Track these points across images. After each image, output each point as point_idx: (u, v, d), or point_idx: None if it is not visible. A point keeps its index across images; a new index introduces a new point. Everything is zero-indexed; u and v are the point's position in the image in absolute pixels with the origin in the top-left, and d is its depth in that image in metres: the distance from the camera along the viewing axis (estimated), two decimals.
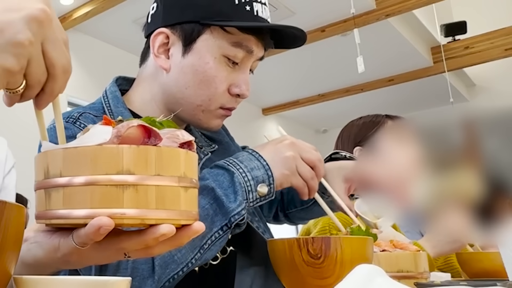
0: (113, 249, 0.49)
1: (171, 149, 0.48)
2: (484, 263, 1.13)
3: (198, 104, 0.88)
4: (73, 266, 0.55)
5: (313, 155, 0.84)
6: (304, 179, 0.83)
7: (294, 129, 7.19)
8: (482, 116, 0.85)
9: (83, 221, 0.45)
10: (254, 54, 0.90)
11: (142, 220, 0.46)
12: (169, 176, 0.47)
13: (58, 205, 0.47)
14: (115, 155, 0.45)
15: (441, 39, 5.34)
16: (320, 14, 4.39)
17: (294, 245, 0.69)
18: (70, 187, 0.46)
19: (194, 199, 0.51)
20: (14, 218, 0.41)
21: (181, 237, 0.49)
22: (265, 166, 0.80)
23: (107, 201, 0.45)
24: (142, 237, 0.47)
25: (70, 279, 0.44)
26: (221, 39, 0.86)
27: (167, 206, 0.47)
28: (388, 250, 0.85)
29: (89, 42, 4.48)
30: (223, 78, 0.88)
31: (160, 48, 0.89)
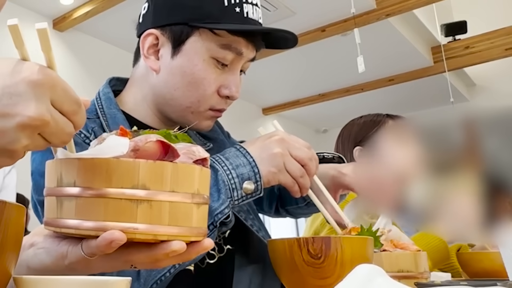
0: (121, 260, 0.49)
1: (187, 166, 0.48)
2: (484, 263, 1.13)
3: (187, 106, 0.88)
4: (78, 273, 0.55)
5: (303, 153, 0.82)
6: (293, 176, 0.81)
7: (294, 129, 7.19)
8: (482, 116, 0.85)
9: (94, 233, 0.45)
10: (244, 56, 0.89)
11: (154, 235, 0.45)
12: (183, 192, 0.47)
13: (70, 215, 0.46)
14: (131, 169, 0.45)
15: (441, 39, 5.34)
16: (320, 13, 4.39)
17: (294, 245, 0.69)
18: (83, 197, 0.45)
19: (205, 215, 0.51)
20: (14, 218, 0.41)
21: (190, 253, 0.49)
22: (251, 163, 0.79)
23: (120, 214, 0.45)
24: (152, 252, 0.47)
25: (70, 279, 0.44)
26: (210, 41, 0.86)
27: (180, 222, 0.47)
28: (388, 250, 0.85)
29: (89, 42, 4.48)
30: (212, 80, 0.87)
31: (150, 49, 0.90)
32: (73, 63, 4.21)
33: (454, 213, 1.19)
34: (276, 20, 4.24)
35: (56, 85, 0.44)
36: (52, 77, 0.43)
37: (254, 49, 0.91)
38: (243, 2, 0.87)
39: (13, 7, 3.89)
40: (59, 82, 0.44)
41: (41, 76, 0.43)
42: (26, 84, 0.42)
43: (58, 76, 0.44)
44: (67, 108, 0.45)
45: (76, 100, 0.45)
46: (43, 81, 0.43)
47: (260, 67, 5.23)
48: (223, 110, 0.92)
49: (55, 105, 0.44)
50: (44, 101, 0.43)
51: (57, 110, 0.44)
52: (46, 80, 0.43)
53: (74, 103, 0.45)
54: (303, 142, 0.84)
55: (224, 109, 0.92)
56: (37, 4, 4.02)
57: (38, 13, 4.11)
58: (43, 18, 4.15)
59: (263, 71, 5.41)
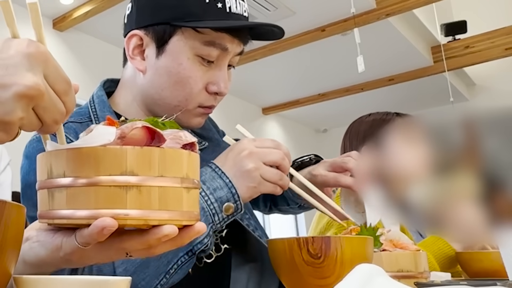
0: (115, 248, 0.49)
1: (175, 150, 0.48)
2: (484, 263, 1.13)
3: (175, 105, 0.88)
4: (74, 265, 0.55)
5: (275, 155, 0.80)
6: (272, 182, 0.81)
7: (294, 129, 7.19)
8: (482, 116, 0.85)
9: (86, 222, 0.45)
10: (229, 51, 0.88)
11: (145, 221, 0.46)
12: (172, 177, 0.47)
13: (61, 205, 0.47)
14: (118, 156, 0.45)
15: (441, 39, 5.34)
16: (320, 13, 4.39)
17: (294, 245, 0.69)
18: (73, 187, 0.46)
19: (196, 199, 0.51)
20: (14, 218, 0.41)
21: (183, 238, 0.50)
22: (228, 184, 0.78)
23: (111, 201, 0.45)
24: (144, 238, 0.47)
25: (70, 279, 0.44)
26: (193, 40, 0.85)
27: (170, 207, 0.47)
28: (388, 250, 0.85)
29: (89, 41, 4.48)
30: (198, 78, 0.87)
31: (135, 50, 0.90)
32: (73, 63, 4.21)
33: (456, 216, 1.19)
34: (276, 20, 4.24)
35: (48, 61, 0.45)
36: (44, 52, 0.44)
37: (240, 44, 0.90)
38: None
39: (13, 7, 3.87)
40: (51, 58, 0.45)
41: (35, 50, 0.44)
42: (21, 55, 0.43)
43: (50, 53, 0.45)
44: (59, 86, 0.46)
45: (67, 80, 0.46)
46: (37, 54, 0.44)
47: (260, 67, 5.23)
48: (212, 106, 0.92)
49: (48, 81, 0.45)
50: (39, 72, 0.44)
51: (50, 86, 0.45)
52: (40, 53, 0.44)
53: (65, 83, 0.46)
54: (270, 143, 0.82)
55: (214, 105, 0.92)
56: None
57: None
58: (43, 18, 4.14)
59: (263, 71, 5.41)
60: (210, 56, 0.87)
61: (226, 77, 0.90)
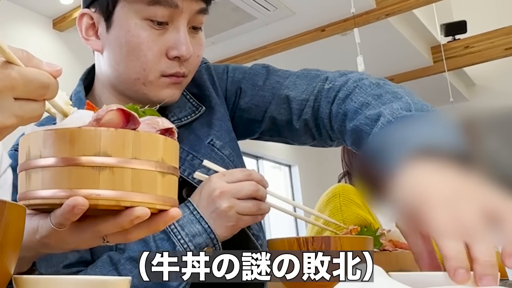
0: (90, 231, 0.49)
1: (149, 134, 0.48)
2: None
3: (135, 78, 0.82)
4: (52, 249, 0.55)
5: (247, 189, 0.77)
6: (251, 215, 0.79)
7: None
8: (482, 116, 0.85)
9: (59, 201, 0.46)
10: (181, 8, 0.80)
11: (117, 201, 0.46)
12: (146, 160, 0.47)
13: (37, 186, 0.47)
14: (92, 137, 0.46)
15: (441, 39, 5.34)
16: (320, 13, 4.39)
17: (294, 245, 0.69)
18: (48, 167, 0.46)
19: (173, 185, 0.51)
20: (14, 218, 0.41)
21: (157, 222, 0.50)
22: (207, 230, 0.77)
23: (83, 182, 0.46)
24: (117, 220, 0.47)
25: (70, 279, 0.44)
26: (136, 3, 0.79)
27: (143, 189, 0.47)
28: (388, 250, 0.85)
29: None
30: (151, 43, 0.80)
31: (89, 31, 0.86)
32: (73, 63, 4.20)
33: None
34: (276, 20, 4.24)
35: (16, 84, 0.43)
36: (10, 77, 0.43)
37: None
38: None
39: (13, 7, 3.88)
40: (18, 79, 0.43)
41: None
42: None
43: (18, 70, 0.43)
44: (34, 95, 0.45)
45: (42, 84, 0.45)
46: (0, 87, 0.43)
47: None
48: (179, 74, 0.83)
49: (22, 98, 0.44)
50: (6, 106, 0.43)
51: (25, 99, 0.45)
52: (4, 84, 0.43)
53: (41, 88, 0.45)
54: (241, 175, 0.79)
55: (180, 72, 0.83)
56: (37, 4, 4.02)
57: (38, 13, 4.11)
58: (43, 18, 4.15)
59: None
60: (159, 16, 0.79)
61: (186, 38, 0.81)
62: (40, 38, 4.09)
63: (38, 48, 3.85)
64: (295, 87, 0.94)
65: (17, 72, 0.43)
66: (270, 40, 4.76)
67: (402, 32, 4.84)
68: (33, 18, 4.08)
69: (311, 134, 0.95)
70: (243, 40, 4.66)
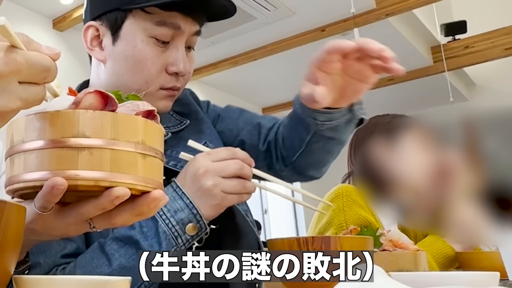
0: (74, 215, 0.50)
1: (128, 116, 0.49)
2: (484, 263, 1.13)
3: (136, 89, 0.87)
4: (40, 236, 0.55)
5: (232, 167, 0.79)
6: (236, 193, 0.79)
7: None
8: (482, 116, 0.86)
9: (39, 183, 0.46)
10: (183, 30, 0.88)
11: (96, 182, 0.46)
12: (125, 141, 0.48)
13: (19, 170, 0.48)
14: (71, 119, 0.47)
15: (441, 39, 5.34)
16: (320, 13, 4.39)
17: (294, 245, 0.69)
18: (29, 151, 0.47)
19: (156, 168, 0.51)
20: (14, 218, 0.41)
21: (141, 205, 0.50)
22: (188, 205, 0.77)
23: (63, 163, 0.46)
24: (98, 201, 0.48)
25: (70, 279, 0.44)
26: (144, 21, 0.87)
27: (122, 170, 0.47)
28: (388, 250, 0.85)
29: None
30: (155, 59, 0.88)
31: (93, 41, 0.92)
32: (73, 63, 4.20)
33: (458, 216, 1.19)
34: (276, 20, 4.24)
35: (21, 68, 0.44)
36: (16, 61, 0.44)
37: (194, 23, 0.90)
38: None
39: (13, 7, 3.88)
40: (22, 63, 0.44)
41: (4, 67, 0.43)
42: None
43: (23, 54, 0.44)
44: (37, 79, 0.46)
45: (44, 67, 0.46)
46: (6, 71, 0.43)
47: (260, 67, 5.23)
48: (176, 88, 0.91)
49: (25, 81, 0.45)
50: (11, 89, 0.44)
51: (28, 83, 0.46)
52: (10, 68, 0.44)
53: (43, 72, 0.46)
54: (225, 154, 0.80)
55: (177, 86, 0.91)
56: (37, 4, 4.02)
57: (38, 13, 4.11)
58: (43, 18, 4.15)
59: (263, 71, 5.41)
60: (164, 36, 0.87)
61: (184, 57, 0.90)
62: (40, 38, 4.08)
63: None
64: (266, 118, 1.11)
65: (22, 56, 0.44)
66: (270, 40, 4.76)
67: (402, 32, 4.84)
68: (33, 18, 4.08)
69: (270, 158, 1.05)
70: (243, 40, 4.66)
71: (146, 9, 0.86)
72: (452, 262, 1.22)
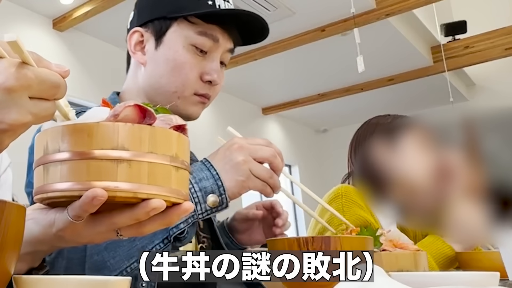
0: (105, 224, 0.51)
1: (165, 130, 0.50)
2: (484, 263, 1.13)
3: (173, 91, 0.95)
4: (67, 243, 0.56)
5: (266, 152, 0.80)
6: (262, 180, 0.79)
7: (294, 129, 7.19)
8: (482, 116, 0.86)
9: (78, 193, 0.47)
10: (220, 43, 0.97)
11: (135, 193, 0.47)
12: (161, 154, 0.49)
13: (55, 179, 0.48)
14: (110, 131, 0.47)
15: (441, 39, 5.34)
16: (320, 13, 4.39)
17: (294, 245, 0.69)
18: (67, 161, 0.48)
19: (185, 180, 0.53)
20: (14, 218, 0.41)
21: (171, 215, 0.51)
22: (214, 176, 0.78)
23: (102, 174, 0.47)
24: (134, 211, 0.49)
25: (70, 279, 0.44)
26: (187, 30, 0.95)
27: (159, 182, 0.49)
28: (388, 250, 0.85)
29: (89, 42, 4.48)
30: (193, 65, 0.95)
31: (136, 46, 1.00)
32: (73, 63, 4.21)
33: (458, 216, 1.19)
34: (276, 20, 4.24)
35: (31, 84, 0.45)
36: (26, 77, 0.45)
37: (229, 39, 0.99)
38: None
39: (13, 7, 3.88)
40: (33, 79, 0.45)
41: (15, 82, 0.44)
42: (2, 92, 0.44)
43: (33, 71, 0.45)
44: (47, 95, 0.47)
45: (54, 83, 0.47)
46: (17, 86, 0.44)
47: (260, 67, 5.23)
48: (208, 95, 0.99)
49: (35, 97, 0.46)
50: (22, 104, 0.45)
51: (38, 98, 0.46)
52: (21, 83, 0.44)
53: (53, 88, 0.47)
54: (262, 141, 0.82)
55: (209, 94, 0.99)
56: (37, 4, 4.02)
57: (38, 13, 4.11)
58: (43, 18, 4.15)
59: (263, 71, 5.41)
60: (203, 46, 0.96)
61: (218, 68, 0.98)
62: (40, 38, 4.09)
63: (38, 48, 3.84)
64: None
65: (32, 72, 0.45)
66: (270, 40, 4.76)
67: (402, 32, 4.85)
68: (33, 18, 4.08)
69: None
70: None
71: (189, 18, 0.95)
72: (452, 262, 1.22)
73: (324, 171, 7.10)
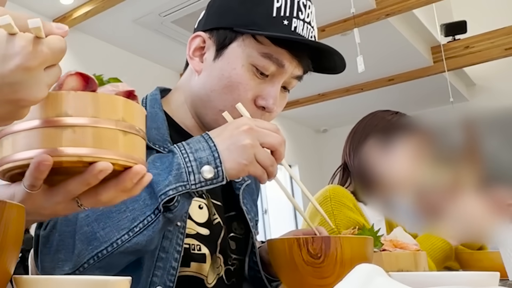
0: (61, 193, 0.52)
1: (108, 95, 0.52)
2: (484, 262, 1.13)
3: (220, 109, 0.86)
4: (30, 215, 0.55)
5: (274, 138, 0.76)
6: (263, 166, 0.76)
7: (294, 129, 7.19)
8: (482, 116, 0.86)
9: (26, 162, 0.49)
10: (286, 69, 0.88)
11: (79, 157, 0.49)
12: (105, 119, 0.50)
13: (8, 151, 0.51)
14: (54, 100, 0.50)
15: (441, 39, 5.34)
16: (320, 13, 4.35)
17: (294, 245, 0.69)
18: (16, 132, 0.50)
19: (138, 145, 0.53)
20: (14, 218, 0.41)
21: (124, 180, 0.52)
22: (211, 147, 0.75)
23: (47, 142, 0.49)
24: (83, 176, 0.50)
25: (70, 279, 0.44)
26: (251, 48, 0.86)
27: (104, 146, 0.50)
28: (388, 250, 0.85)
29: (89, 41, 4.48)
30: (248, 87, 0.86)
31: (196, 52, 0.92)
32: (73, 63, 4.21)
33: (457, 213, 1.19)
34: None
35: (47, 58, 0.46)
36: (43, 53, 0.46)
37: (299, 66, 0.90)
38: (293, 17, 0.87)
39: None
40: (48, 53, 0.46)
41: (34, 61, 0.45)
42: (21, 72, 0.45)
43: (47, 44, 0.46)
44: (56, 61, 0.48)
45: (62, 49, 0.48)
46: (36, 65, 0.45)
47: None
48: None
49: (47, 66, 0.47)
50: (41, 80, 0.46)
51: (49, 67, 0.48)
52: (40, 61, 0.45)
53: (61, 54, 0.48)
54: (271, 126, 0.78)
55: None
56: (37, 4, 4.02)
57: (38, 13, 4.11)
58: (43, 18, 4.12)
59: None
60: (265, 69, 0.86)
61: (277, 94, 0.89)
62: None
63: None
64: None
65: (47, 47, 0.46)
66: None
67: (402, 32, 4.85)
68: None
69: None
70: None
71: (257, 37, 0.86)
72: (447, 256, 1.22)
73: (324, 171, 7.10)
